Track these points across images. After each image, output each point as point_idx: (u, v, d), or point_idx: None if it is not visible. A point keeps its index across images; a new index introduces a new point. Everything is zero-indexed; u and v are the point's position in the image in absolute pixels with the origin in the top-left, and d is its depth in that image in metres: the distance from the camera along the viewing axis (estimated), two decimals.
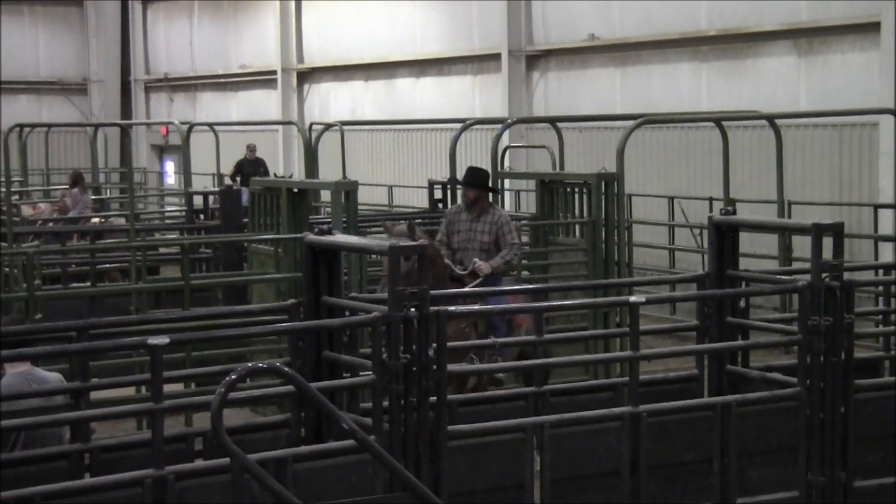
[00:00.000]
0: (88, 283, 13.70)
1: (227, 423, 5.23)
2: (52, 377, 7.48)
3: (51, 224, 19.19)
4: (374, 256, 12.33)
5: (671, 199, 19.29)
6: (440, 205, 17.74)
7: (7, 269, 13.11)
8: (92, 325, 7.54)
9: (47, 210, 20.72)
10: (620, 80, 21.90)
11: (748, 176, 18.73)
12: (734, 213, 8.75)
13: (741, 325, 8.33)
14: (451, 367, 7.08)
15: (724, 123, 16.07)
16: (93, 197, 21.86)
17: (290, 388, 6.52)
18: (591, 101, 22.11)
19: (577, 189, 13.73)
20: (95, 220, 19.75)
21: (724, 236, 8.37)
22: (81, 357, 7.11)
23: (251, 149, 25.20)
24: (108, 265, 14.64)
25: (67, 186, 21.69)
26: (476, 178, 11.26)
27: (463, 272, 10.83)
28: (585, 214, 13.59)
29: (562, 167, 17.36)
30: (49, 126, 27.26)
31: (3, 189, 17.01)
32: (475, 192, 11.12)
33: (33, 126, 23.40)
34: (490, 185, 11.56)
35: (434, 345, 6.75)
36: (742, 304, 8.30)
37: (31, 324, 9.52)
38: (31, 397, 7.13)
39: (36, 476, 6.37)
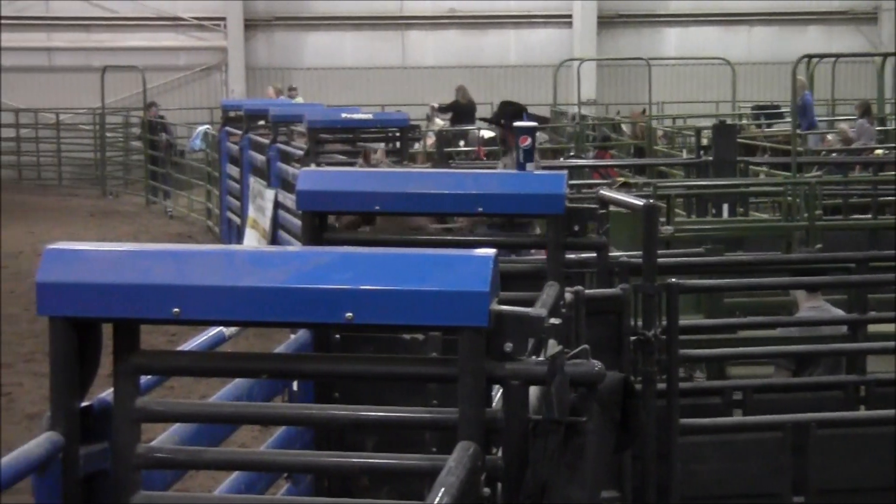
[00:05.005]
0: (869, 216, 13.60)
1: None
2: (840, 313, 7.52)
3: (834, 155, 19.25)
4: None
5: None
6: None
7: (790, 199, 13.38)
8: (872, 257, 7.50)
9: (833, 141, 20.84)
10: None
11: None
12: None
13: None
14: None
15: None
16: (878, 128, 21.56)
17: None
18: None
19: None
20: (879, 151, 19.51)
21: None
22: (860, 289, 7.11)
23: None
24: (890, 197, 14.40)
25: (855, 118, 21.61)
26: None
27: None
28: None
29: None
30: (837, 56, 27.17)
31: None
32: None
33: (821, 56, 23.46)
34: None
35: None
36: None
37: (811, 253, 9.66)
38: (815, 325, 7.27)
39: (811, 403, 6.50)
